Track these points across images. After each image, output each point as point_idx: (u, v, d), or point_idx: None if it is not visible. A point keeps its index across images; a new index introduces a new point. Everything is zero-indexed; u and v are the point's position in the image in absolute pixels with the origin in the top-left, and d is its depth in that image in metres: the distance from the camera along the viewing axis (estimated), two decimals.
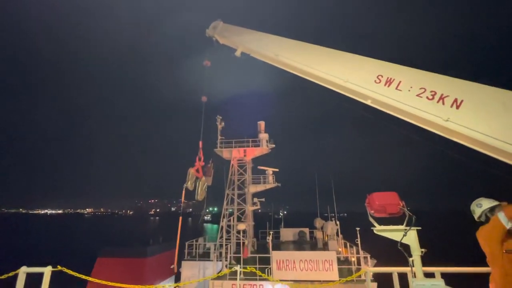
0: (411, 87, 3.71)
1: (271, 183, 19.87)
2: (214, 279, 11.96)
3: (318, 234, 20.30)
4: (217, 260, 14.07)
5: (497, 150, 2.96)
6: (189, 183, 12.94)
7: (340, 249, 16.60)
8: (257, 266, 12.34)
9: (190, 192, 13.39)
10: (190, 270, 16.19)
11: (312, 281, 11.37)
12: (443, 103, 3.38)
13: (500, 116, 2.98)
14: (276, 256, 12.19)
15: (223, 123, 20.82)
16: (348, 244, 15.54)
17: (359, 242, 12.50)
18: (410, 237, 2.89)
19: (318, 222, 21.01)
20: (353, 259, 14.10)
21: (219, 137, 20.70)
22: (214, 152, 20.82)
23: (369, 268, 3.21)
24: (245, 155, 19.71)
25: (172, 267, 12.39)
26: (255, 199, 19.63)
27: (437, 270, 3.11)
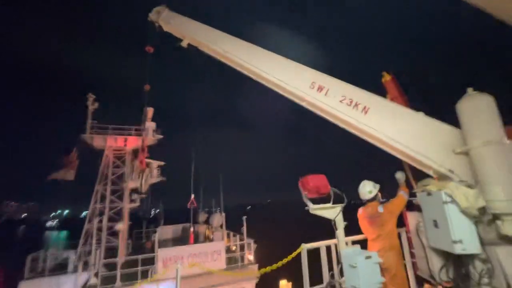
0: (335, 95, 4.62)
1: (154, 177, 18.09)
2: None
3: (200, 228, 20.34)
4: (82, 271, 11.34)
5: (394, 148, 4.11)
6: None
7: (224, 239, 17.31)
8: (139, 268, 10.94)
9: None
10: None
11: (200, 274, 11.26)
12: (357, 109, 4.36)
13: (392, 122, 4.14)
14: (162, 254, 11.25)
15: (96, 104, 17.08)
16: (231, 234, 16.44)
17: (245, 230, 13.52)
18: (335, 213, 3.46)
19: (202, 216, 21.05)
20: (234, 247, 15.10)
21: (90, 121, 16.85)
22: (80, 139, 16.72)
23: (306, 245, 3.57)
24: (125, 145, 16.99)
25: None
26: (135, 196, 17.31)
27: (348, 239, 3.89)
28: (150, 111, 17.61)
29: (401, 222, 4.30)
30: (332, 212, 3.49)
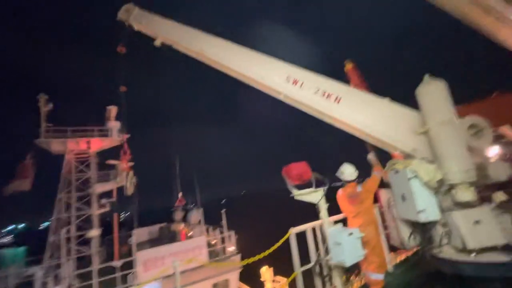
0: (310, 87, 4.87)
1: (123, 179, 17.21)
2: None
3: (177, 227, 19.92)
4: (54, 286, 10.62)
5: (365, 133, 4.51)
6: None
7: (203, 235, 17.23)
8: (120, 273, 10.52)
9: None
10: None
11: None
12: (330, 99, 4.68)
13: (362, 109, 4.53)
14: (142, 256, 10.93)
15: (50, 105, 15.61)
16: (210, 228, 16.42)
17: (225, 223, 13.63)
18: (319, 197, 3.73)
19: (178, 214, 20.60)
20: (215, 241, 15.16)
21: (44, 124, 15.39)
22: (35, 145, 15.24)
23: (294, 229, 3.79)
24: (89, 148, 15.86)
25: None
26: (103, 200, 16.38)
27: (330, 219, 4.19)
28: (113, 110, 16.58)
29: (375, 199, 4.76)
30: (315, 196, 3.75)
